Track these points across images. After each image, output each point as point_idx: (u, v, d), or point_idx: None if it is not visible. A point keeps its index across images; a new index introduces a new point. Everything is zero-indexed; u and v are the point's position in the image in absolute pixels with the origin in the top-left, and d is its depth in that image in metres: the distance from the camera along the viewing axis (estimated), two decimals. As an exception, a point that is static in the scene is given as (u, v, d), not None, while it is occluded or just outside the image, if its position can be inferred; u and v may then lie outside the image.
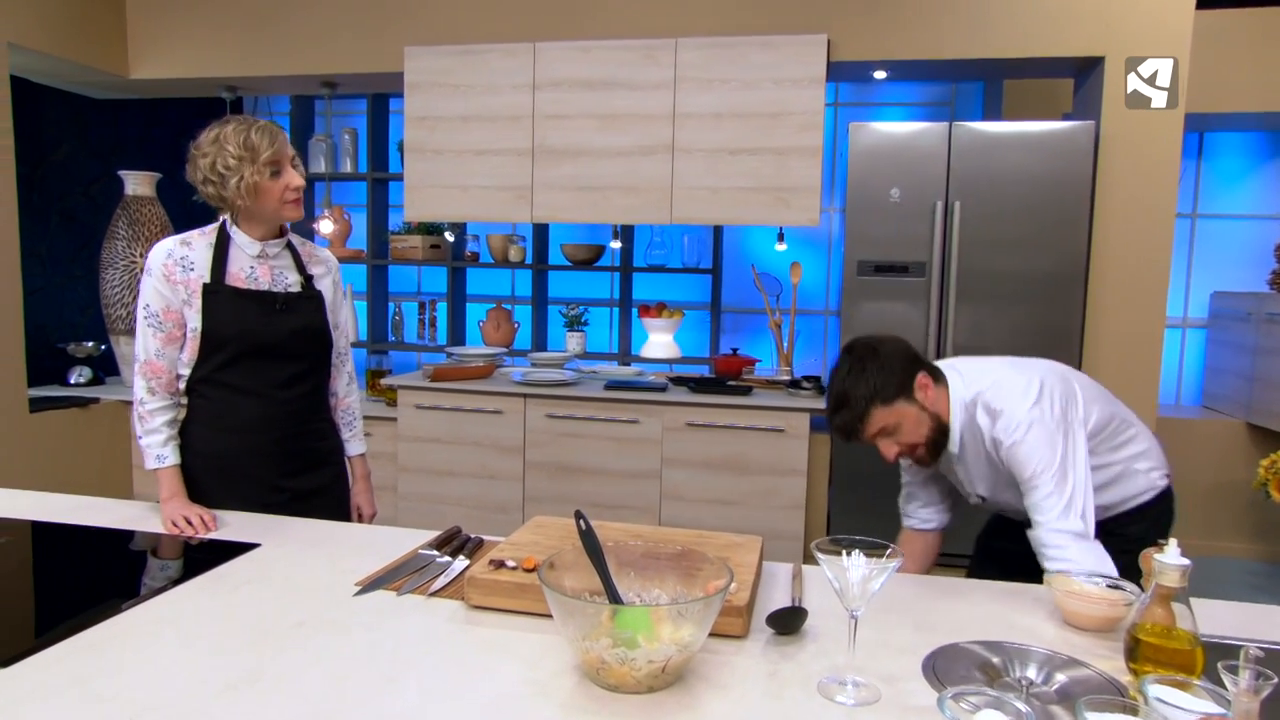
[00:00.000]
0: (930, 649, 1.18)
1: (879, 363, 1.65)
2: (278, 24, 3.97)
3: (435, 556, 1.47)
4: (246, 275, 1.80)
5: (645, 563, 1.20)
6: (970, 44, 3.40)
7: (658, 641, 1.01)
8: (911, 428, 1.68)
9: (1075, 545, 1.56)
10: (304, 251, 1.91)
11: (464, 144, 3.78)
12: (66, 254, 4.22)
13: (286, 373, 1.83)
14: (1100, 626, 1.27)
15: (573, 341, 4.27)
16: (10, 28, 3.49)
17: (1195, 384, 4.61)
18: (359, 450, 2.05)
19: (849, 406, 1.65)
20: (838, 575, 1.06)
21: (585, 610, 1.03)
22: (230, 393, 1.80)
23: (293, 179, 1.77)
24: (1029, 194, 3.28)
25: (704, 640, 1.06)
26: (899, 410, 1.66)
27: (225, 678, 1.05)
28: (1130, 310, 3.33)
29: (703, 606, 1.02)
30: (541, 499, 3.61)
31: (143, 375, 1.78)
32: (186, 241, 1.78)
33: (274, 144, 1.73)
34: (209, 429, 1.81)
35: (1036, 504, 1.61)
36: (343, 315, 1.99)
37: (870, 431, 1.67)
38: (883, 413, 1.65)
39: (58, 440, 3.70)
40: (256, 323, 1.78)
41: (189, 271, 1.75)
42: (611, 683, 1.03)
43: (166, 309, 1.76)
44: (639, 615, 1.03)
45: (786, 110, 3.47)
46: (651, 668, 1.01)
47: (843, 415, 1.67)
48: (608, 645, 1.00)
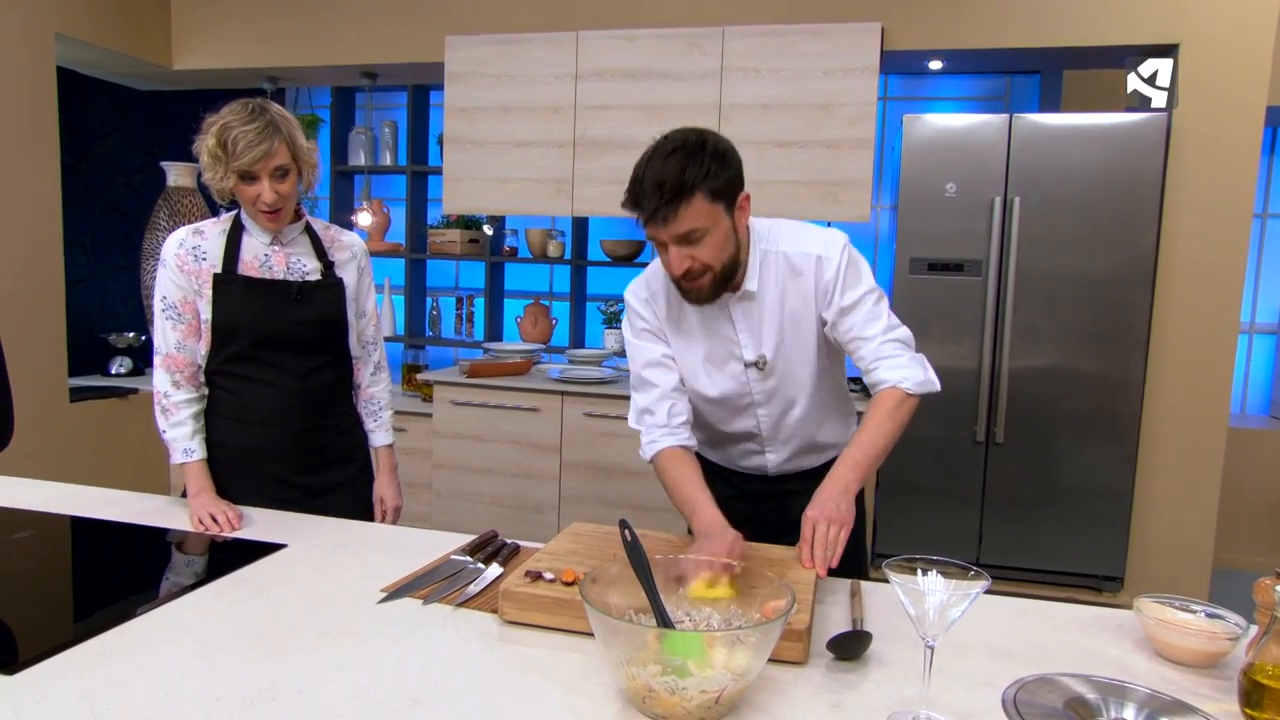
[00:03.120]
0: (1008, 680, 1.06)
1: (719, 157, 1.40)
2: (319, 13, 3.94)
3: (468, 563, 1.39)
4: (260, 264, 1.73)
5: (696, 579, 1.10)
6: (1030, 32, 3.24)
7: (711, 669, 0.91)
8: (718, 243, 1.43)
9: (907, 354, 1.51)
10: (326, 236, 1.82)
11: (504, 135, 3.71)
12: (110, 244, 4.23)
13: (302, 364, 1.75)
14: (1198, 661, 1.14)
15: (611, 339, 4.18)
16: (57, 18, 3.50)
17: (1263, 393, 4.39)
18: (383, 441, 1.95)
19: (669, 187, 1.36)
20: (914, 600, 0.95)
21: (631, 633, 0.93)
22: (243, 384, 1.73)
23: (264, 193, 1.62)
24: (1094, 190, 3.11)
25: (761, 668, 0.96)
26: (717, 215, 1.41)
27: (240, 694, 0.97)
28: (1201, 314, 3.15)
29: (761, 632, 0.91)
30: (578, 499, 3.52)
31: (164, 369, 1.72)
32: (199, 230, 1.73)
33: (250, 151, 1.58)
34: (224, 420, 1.76)
35: (861, 323, 1.52)
36: (369, 302, 1.89)
37: (679, 227, 1.39)
38: (704, 209, 1.39)
39: (97, 430, 3.70)
40: (267, 313, 1.70)
41: (201, 261, 1.70)
42: (659, 712, 0.93)
43: (184, 300, 1.71)
44: (691, 641, 0.93)
45: (837, 101, 3.34)
46: (704, 698, 0.91)
47: (656, 198, 1.37)
48: (656, 672, 0.91)
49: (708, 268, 1.45)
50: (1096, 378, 3.19)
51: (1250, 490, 4.02)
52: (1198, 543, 3.22)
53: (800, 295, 1.56)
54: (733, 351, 1.60)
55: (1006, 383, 3.25)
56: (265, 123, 1.61)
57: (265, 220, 1.69)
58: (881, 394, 1.49)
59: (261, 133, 1.60)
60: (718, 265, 1.46)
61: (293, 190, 1.68)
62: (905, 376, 1.49)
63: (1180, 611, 1.20)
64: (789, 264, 1.56)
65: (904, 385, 1.48)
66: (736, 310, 1.57)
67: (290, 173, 1.66)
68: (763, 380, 1.61)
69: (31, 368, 3.39)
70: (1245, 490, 3.99)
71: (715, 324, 1.59)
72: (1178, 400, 3.19)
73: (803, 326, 1.57)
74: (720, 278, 1.48)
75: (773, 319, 1.57)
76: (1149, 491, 3.24)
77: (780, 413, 1.64)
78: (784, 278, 1.56)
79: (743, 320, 1.58)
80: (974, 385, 3.30)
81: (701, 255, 1.43)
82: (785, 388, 1.61)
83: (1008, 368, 3.24)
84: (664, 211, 1.38)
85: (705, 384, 1.62)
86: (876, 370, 1.51)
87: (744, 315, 1.58)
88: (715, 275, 1.47)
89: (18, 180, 3.35)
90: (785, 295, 1.56)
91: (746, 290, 1.55)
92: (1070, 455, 3.25)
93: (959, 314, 3.28)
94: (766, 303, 1.56)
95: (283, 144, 1.63)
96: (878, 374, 1.51)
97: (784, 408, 1.64)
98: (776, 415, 1.65)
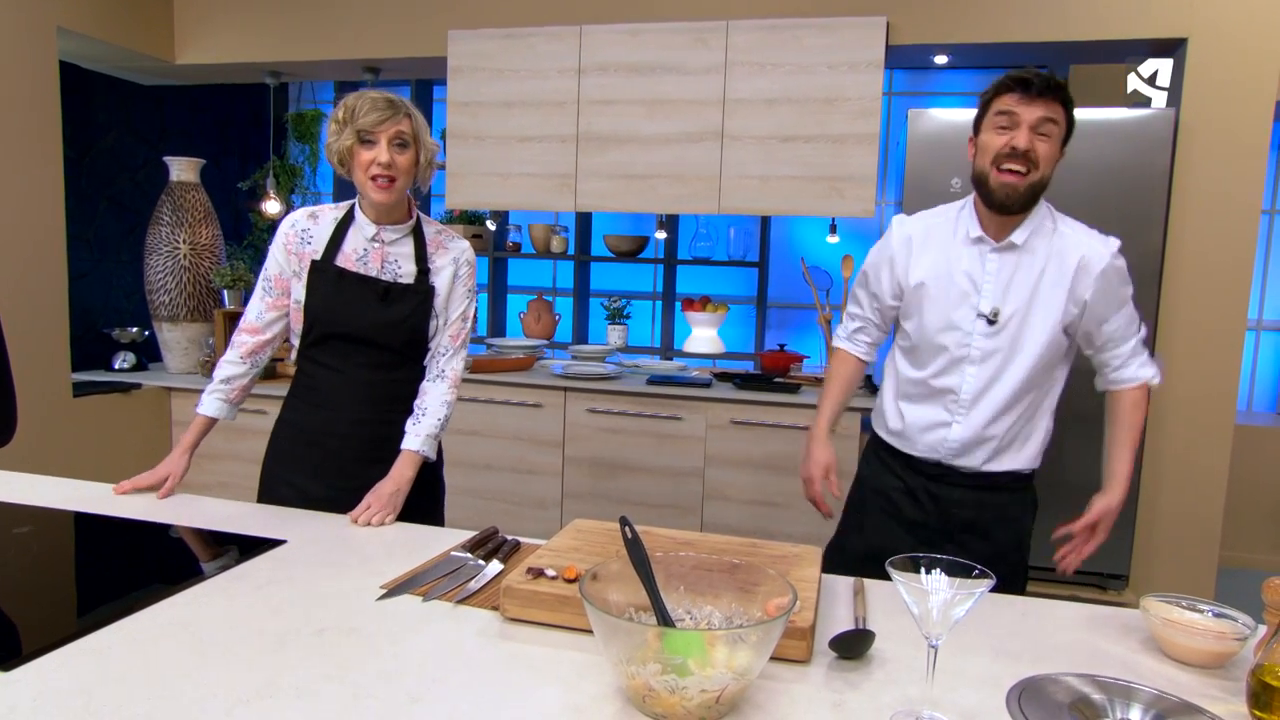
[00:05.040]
0: (1013, 680, 1.05)
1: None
2: (321, 8, 3.92)
3: (468, 559, 1.38)
4: (357, 258, 1.75)
5: (696, 576, 1.09)
6: (1037, 26, 3.21)
7: (711, 668, 0.90)
8: (1053, 151, 1.62)
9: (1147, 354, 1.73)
10: (434, 241, 1.81)
11: (507, 130, 3.70)
12: (113, 239, 4.23)
13: (376, 360, 1.77)
14: (1206, 662, 1.13)
15: (614, 335, 4.17)
16: (59, 11, 3.49)
17: (1270, 390, 4.37)
18: (411, 446, 1.74)
19: (1053, 82, 1.58)
20: (917, 599, 0.94)
21: (630, 631, 0.92)
22: (318, 369, 1.79)
23: (380, 154, 1.64)
24: (1100, 185, 3.08)
25: (763, 667, 0.95)
26: (1061, 130, 1.61)
27: (238, 690, 0.96)
28: (1208, 312, 3.13)
29: (763, 630, 0.90)
30: (581, 495, 3.52)
31: (239, 331, 1.81)
32: (315, 215, 1.78)
33: (374, 112, 1.63)
34: (297, 400, 1.83)
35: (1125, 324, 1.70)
36: (455, 310, 1.82)
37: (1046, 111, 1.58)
38: (1061, 114, 1.60)
39: (100, 425, 3.70)
40: (350, 307, 1.73)
41: (306, 245, 1.75)
42: (659, 712, 0.92)
43: (279, 275, 1.78)
44: (691, 639, 0.92)
45: (842, 96, 3.32)
46: (704, 697, 0.90)
47: (1044, 82, 1.58)
48: (655, 671, 0.90)
49: (1037, 165, 1.59)
50: (1102, 374, 3.16)
51: (1257, 488, 4.00)
52: (1204, 541, 3.20)
53: (1060, 273, 1.64)
54: (969, 299, 1.69)
55: (1011, 379, 3.23)
56: (392, 100, 1.67)
57: (375, 190, 1.67)
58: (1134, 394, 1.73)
59: (388, 103, 1.65)
60: (1043, 170, 1.60)
61: (409, 168, 1.69)
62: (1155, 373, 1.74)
63: (1187, 611, 1.19)
64: (1062, 240, 1.66)
65: (1154, 381, 1.74)
66: (992, 260, 1.67)
67: (409, 148, 1.68)
68: (988, 337, 1.68)
69: (35, 362, 3.39)
70: (1252, 488, 3.97)
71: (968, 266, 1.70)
72: (1184, 397, 3.17)
73: (1050, 305, 1.65)
74: (1036, 188, 1.61)
75: (1026, 280, 1.66)
76: (1155, 489, 3.22)
77: (989, 379, 1.69)
78: (1051, 250, 1.65)
79: (994, 272, 1.67)
80: (979, 382, 3.27)
81: (1042, 149, 1.58)
82: (1007, 353, 1.67)
83: (1013, 364, 3.22)
84: (1045, 92, 1.57)
85: (933, 319, 1.72)
86: (1130, 367, 1.71)
87: (998, 267, 1.67)
88: (1035, 180, 1.60)
89: (21, 175, 3.34)
90: (1047, 266, 1.65)
91: (1011, 241, 1.66)
92: (1074, 452, 3.22)
93: (964, 310, 3.26)
94: (1025, 263, 1.66)
95: (406, 119, 1.68)
96: (1131, 370, 1.72)
97: (994, 374, 1.69)
98: (985, 380, 1.69)
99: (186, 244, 3.95)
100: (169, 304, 3.95)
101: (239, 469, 3.70)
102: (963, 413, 1.72)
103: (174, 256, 3.94)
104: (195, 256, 3.97)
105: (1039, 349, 1.66)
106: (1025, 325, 1.66)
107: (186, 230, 3.95)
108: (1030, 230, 1.66)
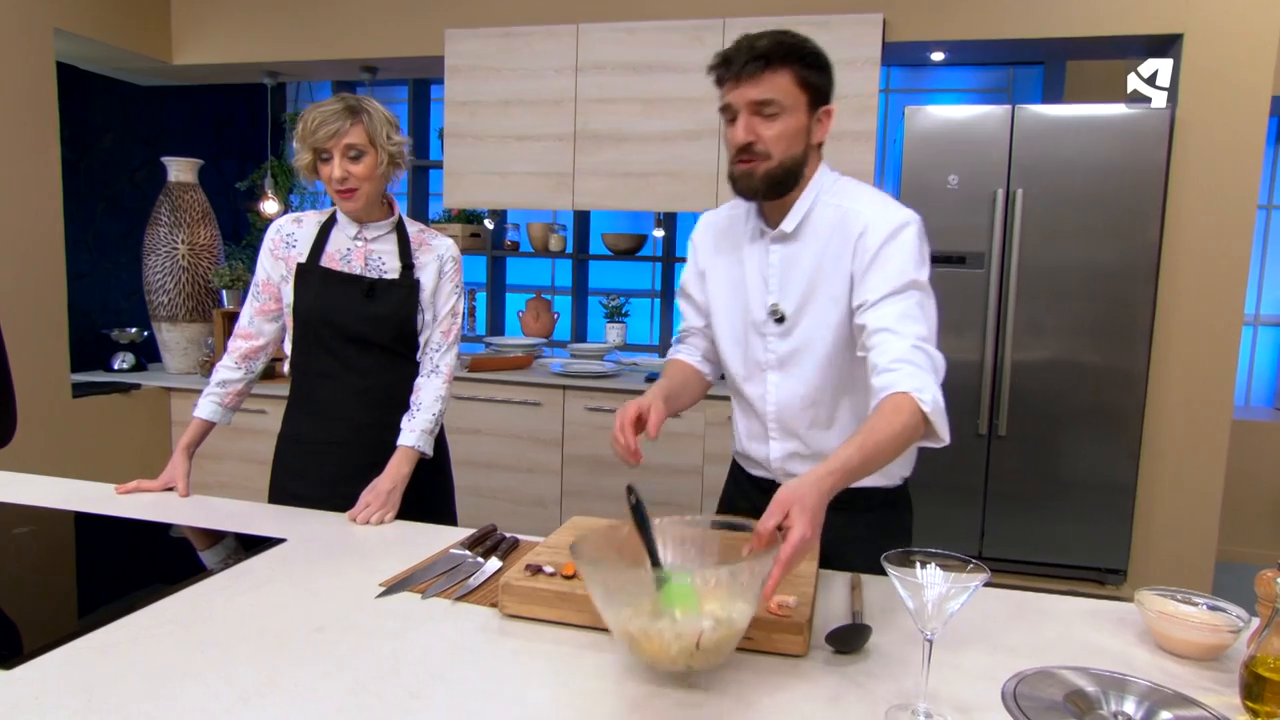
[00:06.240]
0: (1009, 674, 1.06)
1: (818, 55, 1.38)
2: (319, 8, 3.93)
3: (467, 557, 1.39)
4: (341, 257, 1.78)
5: (693, 544, 1.15)
6: (1034, 22, 3.22)
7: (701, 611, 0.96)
8: (789, 132, 1.35)
9: (931, 376, 1.26)
10: (417, 239, 1.84)
11: (504, 129, 3.70)
12: (112, 240, 4.23)
13: (367, 361, 1.78)
14: (1200, 654, 1.14)
15: (613, 333, 4.18)
16: (56, 12, 3.49)
17: (1267, 385, 4.37)
18: (406, 442, 1.74)
19: (761, 50, 1.32)
20: (912, 593, 0.94)
21: (625, 575, 1.00)
22: (313, 378, 1.80)
23: (333, 169, 1.67)
24: (1097, 182, 3.09)
25: (747, 620, 0.99)
26: (799, 103, 1.35)
27: (238, 689, 0.97)
28: (1205, 307, 3.14)
29: (748, 570, 0.95)
30: (580, 493, 3.52)
31: (232, 337, 1.84)
32: (299, 219, 1.82)
33: (324, 128, 1.64)
34: (297, 413, 1.84)
35: (900, 315, 1.31)
36: (443, 307, 1.84)
37: (757, 92, 1.33)
38: (788, 87, 1.33)
39: (99, 426, 3.71)
40: (335, 306, 1.75)
41: (291, 248, 1.78)
42: (646, 657, 0.98)
43: (266, 281, 1.81)
44: (682, 591, 0.97)
45: (839, 93, 3.27)
46: (682, 643, 0.95)
47: (747, 55, 1.33)
48: (630, 615, 0.96)
49: (768, 154, 1.36)
50: (1100, 370, 3.18)
51: (1254, 482, 4.01)
52: (1201, 535, 3.21)
53: (838, 258, 1.41)
54: (761, 298, 1.49)
55: (1009, 375, 3.24)
56: (344, 106, 1.67)
57: (340, 200, 1.73)
58: (895, 398, 1.23)
59: (337, 114, 1.66)
60: (778, 156, 1.36)
61: (368, 174, 1.70)
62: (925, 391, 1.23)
63: (1182, 604, 1.20)
64: (841, 219, 1.41)
65: (923, 399, 1.22)
66: (774, 251, 1.47)
67: (365, 155, 1.69)
68: (782, 338, 1.48)
69: (34, 363, 3.39)
70: (1249, 482, 3.98)
71: (759, 261, 1.49)
72: (1182, 393, 3.18)
73: (835, 294, 1.42)
74: (775, 174, 1.37)
75: (803, 272, 1.44)
76: (1152, 484, 3.23)
77: (793, 385, 1.48)
78: (829, 233, 1.42)
79: (777, 265, 1.46)
80: (976, 378, 3.29)
81: (768, 135, 1.35)
82: (801, 357, 1.46)
83: (1010, 360, 3.23)
84: (751, 69, 1.32)
85: (724, 326, 1.55)
86: (896, 372, 1.26)
87: (780, 260, 1.46)
88: (771, 168, 1.37)
89: (19, 176, 3.35)
90: (825, 252, 1.42)
91: (782, 230, 1.44)
92: (1073, 448, 3.24)
93: (961, 307, 3.27)
94: (802, 253, 1.44)
95: (358, 126, 1.67)
96: (894, 376, 1.25)
97: (795, 383, 1.48)
98: (790, 387, 1.48)
99: (185, 244, 3.95)
100: (168, 304, 3.96)
101: (239, 469, 3.71)
102: (775, 426, 1.52)
103: (172, 257, 3.94)
104: (194, 257, 3.97)
105: (828, 346, 1.43)
106: (812, 319, 1.44)
107: (185, 231, 3.96)
108: (801, 216, 1.43)
